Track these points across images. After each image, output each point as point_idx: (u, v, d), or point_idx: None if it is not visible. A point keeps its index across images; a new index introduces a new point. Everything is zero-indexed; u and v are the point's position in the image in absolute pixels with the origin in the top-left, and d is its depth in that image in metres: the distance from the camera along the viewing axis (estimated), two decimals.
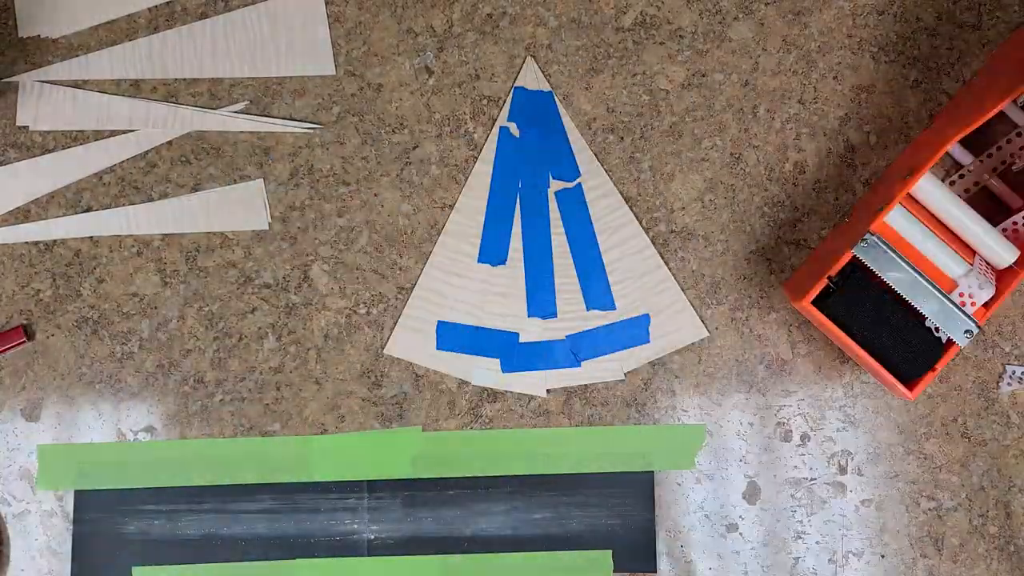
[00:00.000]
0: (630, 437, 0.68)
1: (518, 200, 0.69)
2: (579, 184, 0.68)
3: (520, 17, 0.69)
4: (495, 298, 0.68)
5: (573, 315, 0.68)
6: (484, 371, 0.68)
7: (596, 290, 0.68)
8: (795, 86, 0.69)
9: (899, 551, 0.67)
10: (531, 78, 0.69)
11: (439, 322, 0.68)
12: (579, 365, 0.68)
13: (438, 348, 0.68)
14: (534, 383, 0.68)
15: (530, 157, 0.69)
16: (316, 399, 0.68)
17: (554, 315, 0.68)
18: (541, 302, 0.68)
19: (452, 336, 0.68)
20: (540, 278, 0.68)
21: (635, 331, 0.68)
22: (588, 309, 0.68)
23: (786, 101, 0.69)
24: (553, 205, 0.69)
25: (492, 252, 0.68)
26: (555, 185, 0.69)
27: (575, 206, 0.68)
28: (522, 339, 0.68)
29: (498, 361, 0.68)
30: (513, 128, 0.69)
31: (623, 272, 0.68)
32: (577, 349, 0.68)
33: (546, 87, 0.69)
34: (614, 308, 0.68)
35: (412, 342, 0.68)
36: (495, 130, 0.69)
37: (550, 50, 0.69)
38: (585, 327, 0.68)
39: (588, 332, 0.68)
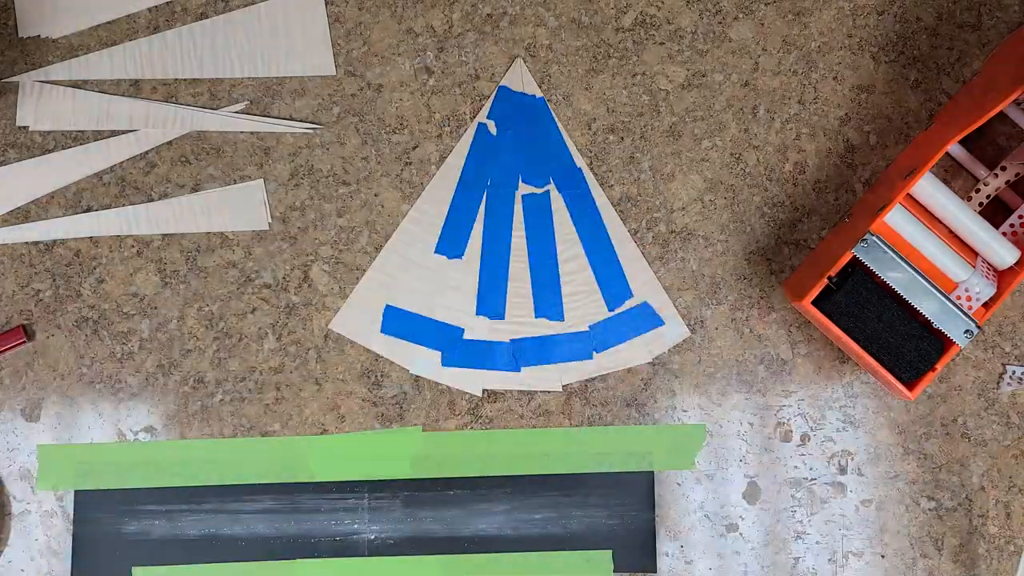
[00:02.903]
0: (630, 437, 0.68)
1: (484, 197, 0.69)
2: (547, 192, 0.68)
3: (520, 17, 0.69)
4: (446, 291, 0.68)
5: (521, 320, 0.68)
6: (424, 361, 0.67)
7: (547, 299, 0.68)
8: (795, 86, 0.69)
9: (899, 551, 0.67)
10: (518, 80, 0.69)
11: (387, 306, 0.68)
12: (519, 370, 0.68)
13: (383, 331, 0.68)
14: (471, 381, 0.68)
15: (503, 157, 0.69)
16: (316, 399, 0.68)
17: (502, 316, 0.68)
18: (491, 302, 0.68)
19: (398, 322, 0.68)
20: (494, 278, 0.68)
21: (578, 345, 0.68)
22: (537, 317, 0.68)
23: (786, 101, 0.69)
24: (519, 209, 0.69)
25: (450, 244, 0.68)
26: (523, 188, 0.69)
27: (540, 213, 0.69)
28: (466, 336, 0.68)
29: (439, 354, 0.68)
30: (491, 126, 0.69)
31: (580, 284, 0.68)
32: (519, 354, 0.68)
33: (536, 92, 0.69)
34: (562, 319, 0.68)
35: (358, 321, 0.68)
36: (473, 125, 0.69)
37: (550, 50, 0.69)
38: (530, 333, 0.68)
39: (530, 340, 0.68)
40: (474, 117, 0.69)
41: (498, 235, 0.68)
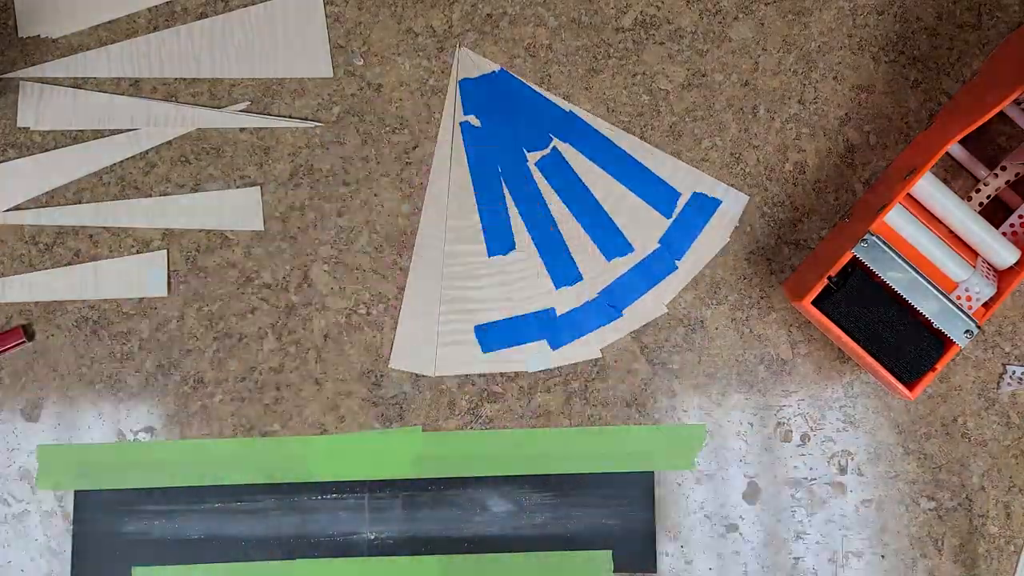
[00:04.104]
0: (630, 437, 0.68)
1: (504, 185, 0.69)
2: (554, 148, 0.68)
3: (520, 17, 0.69)
4: (519, 284, 0.68)
5: (598, 271, 0.68)
6: (536, 355, 0.68)
7: (610, 240, 0.68)
8: (795, 86, 0.69)
9: (899, 551, 0.67)
10: (471, 66, 0.69)
11: (476, 327, 0.68)
12: (621, 314, 0.68)
13: (484, 352, 0.68)
14: (586, 349, 0.68)
15: (499, 140, 0.69)
16: (316, 399, 0.68)
17: (580, 278, 0.68)
18: (563, 271, 0.68)
19: (493, 335, 0.68)
20: (554, 249, 0.68)
21: (660, 265, 0.68)
22: (609, 260, 0.68)
23: (786, 101, 0.69)
24: (539, 176, 0.69)
25: (499, 243, 0.68)
26: (532, 157, 0.69)
27: (559, 169, 0.69)
28: (559, 312, 0.68)
29: (545, 341, 0.68)
30: (473, 120, 0.69)
31: (630, 211, 0.69)
32: (613, 301, 0.68)
33: (492, 67, 0.69)
34: (632, 249, 0.68)
35: (457, 355, 0.68)
36: (456, 129, 0.69)
37: (550, 50, 0.69)
38: (614, 277, 0.68)
39: (618, 281, 0.68)
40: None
41: (535, 211, 0.69)
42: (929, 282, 0.61)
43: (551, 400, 0.68)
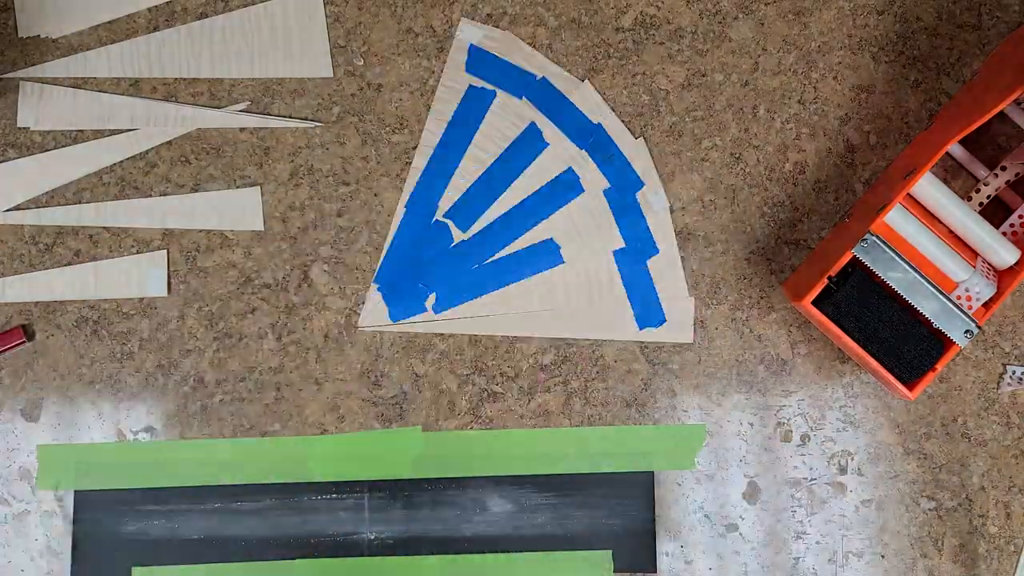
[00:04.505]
0: (630, 437, 0.68)
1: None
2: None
3: (520, 17, 0.69)
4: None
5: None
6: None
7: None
8: (795, 86, 0.69)
9: (899, 551, 0.67)
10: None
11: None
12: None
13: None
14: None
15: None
16: (316, 399, 0.68)
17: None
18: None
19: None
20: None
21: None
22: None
23: (786, 101, 0.69)
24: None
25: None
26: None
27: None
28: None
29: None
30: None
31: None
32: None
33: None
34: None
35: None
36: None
37: (550, 50, 0.69)
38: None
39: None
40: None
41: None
42: (929, 282, 0.61)
43: (551, 400, 0.68)
